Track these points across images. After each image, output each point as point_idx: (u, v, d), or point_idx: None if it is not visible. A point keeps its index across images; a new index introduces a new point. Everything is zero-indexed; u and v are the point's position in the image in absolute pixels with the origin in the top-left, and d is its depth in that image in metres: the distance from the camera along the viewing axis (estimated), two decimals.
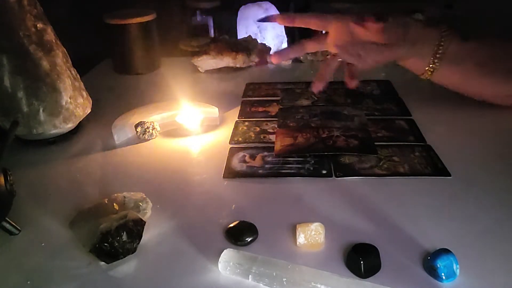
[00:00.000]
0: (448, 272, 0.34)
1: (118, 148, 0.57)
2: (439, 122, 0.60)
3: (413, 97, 0.67)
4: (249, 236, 0.39)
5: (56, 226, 0.42)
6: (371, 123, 0.59)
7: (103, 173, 0.52)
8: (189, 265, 0.37)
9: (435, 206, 0.43)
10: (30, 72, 0.53)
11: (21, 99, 0.53)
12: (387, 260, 0.36)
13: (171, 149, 0.56)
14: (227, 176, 0.49)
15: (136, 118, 0.60)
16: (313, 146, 0.54)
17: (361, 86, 0.72)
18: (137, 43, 0.81)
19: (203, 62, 0.80)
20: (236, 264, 0.35)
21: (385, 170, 0.49)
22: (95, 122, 0.63)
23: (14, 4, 0.51)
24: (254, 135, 0.58)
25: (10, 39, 0.52)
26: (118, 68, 0.85)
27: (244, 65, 0.81)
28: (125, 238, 0.37)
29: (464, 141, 0.55)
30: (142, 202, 0.42)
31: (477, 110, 0.62)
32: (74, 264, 0.38)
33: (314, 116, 0.62)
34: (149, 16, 0.81)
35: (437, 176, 0.48)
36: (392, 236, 0.39)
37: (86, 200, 0.45)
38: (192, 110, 0.61)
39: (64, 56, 0.57)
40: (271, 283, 0.34)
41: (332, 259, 0.37)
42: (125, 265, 0.37)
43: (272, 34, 0.90)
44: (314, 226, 0.38)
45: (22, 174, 0.51)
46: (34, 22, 0.53)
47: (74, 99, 0.57)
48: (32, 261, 0.38)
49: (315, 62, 0.85)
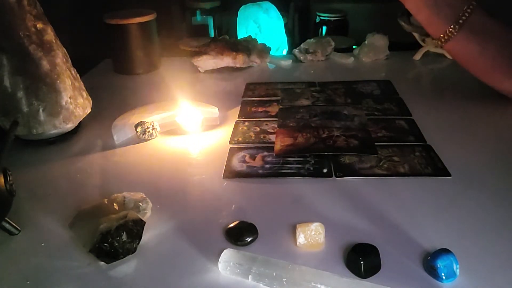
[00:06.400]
0: (448, 272, 0.34)
1: (118, 148, 0.57)
2: (439, 122, 0.60)
3: (413, 97, 0.67)
4: (249, 236, 0.39)
5: (56, 226, 0.42)
6: (371, 123, 0.59)
7: (103, 173, 0.52)
8: (189, 265, 0.37)
9: (435, 206, 0.43)
10: (30, 72, 0.53)
11: (21, 99, 0.53)
12: (387, 260, 0.36)
13: (171, 149, 0.56)
14: (227, 176, 0.49)
15: (136, 118, 0.60)
16: (313, 146, 0.54)
17: (361, 86, 0.73)
18: (137, 43, 0.81)
19: (203, 62, 0.80)
20: (236, 264, 0.35)
21: (385, 170, 0.49)
22: (95, 122, 0.63)
23: (14, 4, 0.51)
24: (254, 135, 0.58)
25: (10, 39, 0.52)
26: (118, 68, 0.85)
27: (244, 65, 0.81)
28: (125, 238, 0.37)
29: (464, 141, 0.55)
30: (142, 202, 0.42)
31: (477, 110, 0.62)
32: (74, 264, 0.38)
33: (314, 116, 0.62)
34: (149, 16, 0.81)
35: (437, 176, 0.48)
36: (392, 236, 0.39)
37: (86, 200, 0.45)
38: (192, 110, 0.61)
39: (64, 56, 0.57)
40: (271, 283, 0.34)
41: (332, 259, 0.37)
42: (125, 265, 0.37)
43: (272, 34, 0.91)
44: (314, 226, 0.38)
45: (22, 174, 0.51)
46: (34, 22, 0.53)
47: (74, 99, 0.57)
48: (32, 261, 0.38)
49: (315, 62, 0.85)
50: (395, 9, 0.77)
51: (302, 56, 0.85)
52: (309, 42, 0.86)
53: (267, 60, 0.84)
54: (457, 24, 0.56)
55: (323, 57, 0.86)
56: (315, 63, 0.85)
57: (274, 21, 0.94)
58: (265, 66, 0.85)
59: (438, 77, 0.79)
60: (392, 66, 0.83)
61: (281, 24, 0.96)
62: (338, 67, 0.84)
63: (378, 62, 0.85)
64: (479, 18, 0.56)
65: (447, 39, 0.57)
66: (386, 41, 0.84)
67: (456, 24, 0.56)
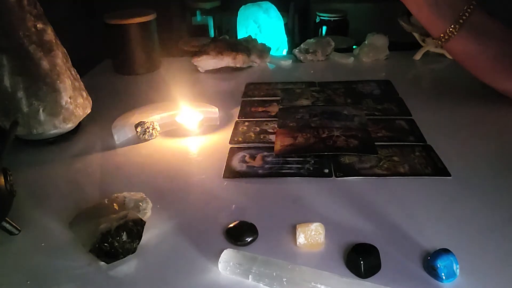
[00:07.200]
0: (448, 272, 0.34)
1: (118, 148, 0.57)
2: (439, 122, 0.60)
3: (413, 97, 0.67)
4: (249, 236, 0.39)
5: (56, 226, 0.42)
6: (371, 123, 0.59)
7: (103, 173, 0.52)
8: (189, 265, 0.37)
9: (435, 206, 0.43)
10: (30, 72, 0.53)
11: (21, 99, 0.53)
12: (387, 260, 0.36)
13: (171, 149, 0.56)
14: (227, 176, 0.49)
15: (136, 118, 0.60)
16: (313, 146, 0.54)
17: (361, 86, 0.73)
18: (137, 43, 0.81)
19: (203, 62, 0.80)
20: (236, 264, 0.35)
21: (385, 170, 0.49)
22: (95, 122, 0.63)
23: (14, 4, 0.51)
24: (254, 135, 0.58)
25: (10, 39, 0.52)
26: (118, 68, 0.85)
27: (244, 65, 0.81)
28: (125, 238, 0.37)
29: (464, 141, 0.55)
30: (142, 202, 0.42)
31: (478, 110, 0.62)
32: (74, 264, 0.38)
33: (314, 116, 0.62)
34: (149, 16, 0.81)
35: (437, 176, 0.48)
36: (392, 236, 0.39)
37: (86, 200, 0.45)
38: (192, 110, 0.61)
39: (64, 56, 0.57)
40: (271, 283, 0.34)
41: (332, 259, 0.37)
42: (125, 265, 0.37)
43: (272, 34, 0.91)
44: (314, 226, 0.38)
45: (22, 174, 0.51)
46: (34, 22, 0.53)
47: (74, 99, 0.57)
48: (32, 261, 0.38)
49: (315, 62, 0.85)
50: (395, 9, 0.77)
51: (302, 56, 0.85)
52: (309, 42, 0.86)
53: (267, 60, 0.85)
54: (457, 23, 0.56)
55: (323, 57, 0.85)
56: (315, 63, 0.85)
57: (274, 21, 0.94)
58: (265, 66, 0.85)
59: (438, 77, 0.79)
60: (392, 66, 0.83)
61: (281, 24, 0.96)
62: (338, 67, 0.84)
63: (378, 62, 0.85)
64: (479, 18, 0.56)
65: (448, 39, 0.57)
66: (386, 41, 0.84)
67: (457, 24, 0.56)
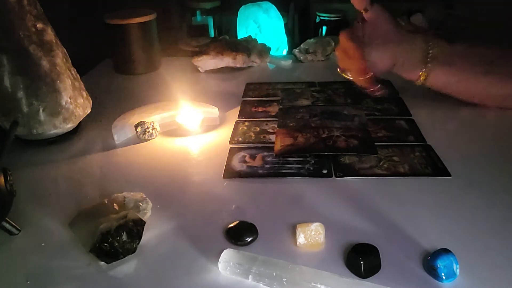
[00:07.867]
0: (448, 272, 0.34)
1: (118, 148, 0.57)
2: (439, 122, 0.60)
3: (413, 97, 0.67)
4: (249, 236, 0.39)
5: (56, 226, 0.42)
6: (371, 123, 0.59)
7: (103, 173, 0.52)
8: (189, 265, 0.37)
9: (435, 206, 0.43)
10: (30, 72, 0.53)
11: (21, 99, 0.53)
12: (387, 260, 0.36)
13: (171, 149, 0.56)
14: (227, 176, 0.49)
15: (136, 118, 0.60)
16: (313, 146, 0.54)
17: None
18: (137, 43, 0.81)
19: (203, 62, 0.80)
20: (236, 264, 0.35)
21: (385, 170, 0.49)
22: (95, 122, 0.63)
23: (14, 4, 0.51)
24: (254, 135, 0.58)
25: (10, 39, 0.52)
26: (118, 68, 0.85)
27: (244, 65, 0.81)
28: (125, 238, 0.37)
29: (464, 141, 0.55)
30: (142, 202, 0.42)
31: (478, 110, 0.62)
32: (74, 264, 0.38)
33: (314, 116, 0.62)
34: (149, 16, 0.81)
35: (437, 176, 0.48)
36: (392, 236, 0.39)
37: (86, 200, 0.45)
38: (192, 110, 0.61)
39: (64, 56, 0.57)
40: (271, 283, 0.34)
41: (332, 259, 0.37)
42: (125, 265, 0.37)
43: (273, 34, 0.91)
44: (314, 226, 0.38)
45: (22, 174, 0.51)
46: (34, 22, 0.53)
47: (74, 99, 0.57)
48: (32, 261, 0.38)
49: (315, 62, 0.85)
50: (395, 9, 0.77)
51: (302, 56, 0.85)
52: (309, 42, 0.86)
53: (267, 60, 0.84)
54: (427, 62, 0.59)
55: (323, 57, 0.85)
56: (315, 63, 0.85)
57: (274, 21, 0.95)
58: (265, 66, 0.85)
59: None
60: None
61: (281, 24, 0.96)
62: (338, 67, 0.83)
63: None
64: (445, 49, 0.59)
65: (426, 79, 0.60)
66: None
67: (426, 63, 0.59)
